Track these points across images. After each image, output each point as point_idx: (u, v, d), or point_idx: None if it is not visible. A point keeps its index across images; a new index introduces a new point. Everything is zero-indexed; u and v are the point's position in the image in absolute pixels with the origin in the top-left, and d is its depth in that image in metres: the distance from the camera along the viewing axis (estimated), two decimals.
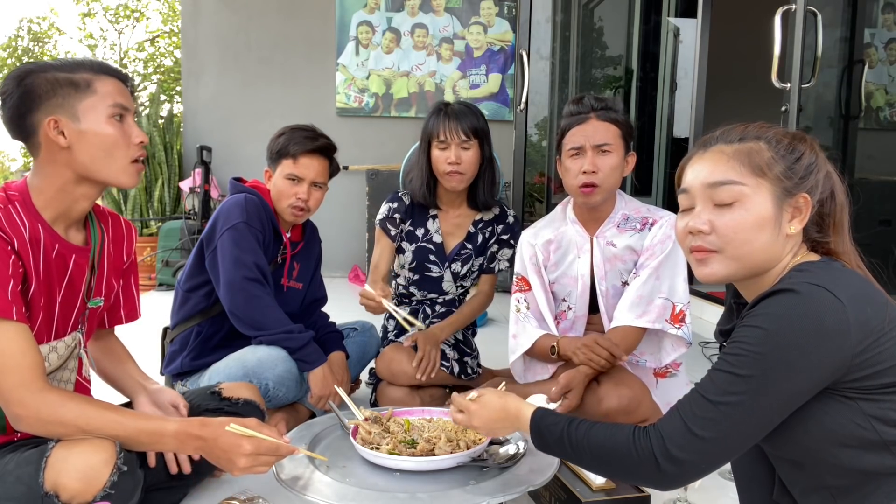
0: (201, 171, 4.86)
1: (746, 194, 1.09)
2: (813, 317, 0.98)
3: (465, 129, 2.20)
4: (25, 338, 1.29)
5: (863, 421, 1.01)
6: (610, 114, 1.92)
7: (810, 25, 2.88)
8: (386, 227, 2.34)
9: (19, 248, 1.30)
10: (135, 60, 15.55)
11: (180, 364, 2.11)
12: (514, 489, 1.35)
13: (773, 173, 1.09)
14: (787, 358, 0.98)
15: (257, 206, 2.07)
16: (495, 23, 5.39)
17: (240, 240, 1.99)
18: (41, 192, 1.38)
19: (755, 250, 1.10)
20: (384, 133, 5.40)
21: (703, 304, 3.93)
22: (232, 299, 1.98)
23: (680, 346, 1.97)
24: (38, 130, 1.35)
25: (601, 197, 1.94)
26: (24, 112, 1.34)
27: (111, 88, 1.39)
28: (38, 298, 1.35)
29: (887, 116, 3.86)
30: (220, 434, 1.33)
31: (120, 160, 1.40)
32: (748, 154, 1.10)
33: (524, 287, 2.09)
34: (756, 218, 1.09)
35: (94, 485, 1.27)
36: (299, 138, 2.11)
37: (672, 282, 1.93)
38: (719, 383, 1.04)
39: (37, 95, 1.34)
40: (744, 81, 5.14)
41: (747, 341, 1.02)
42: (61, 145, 1.35)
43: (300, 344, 2.01)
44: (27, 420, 1.28)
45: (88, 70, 1.38)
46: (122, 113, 1.40)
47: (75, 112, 1.35)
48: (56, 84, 1.35)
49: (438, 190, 2.33)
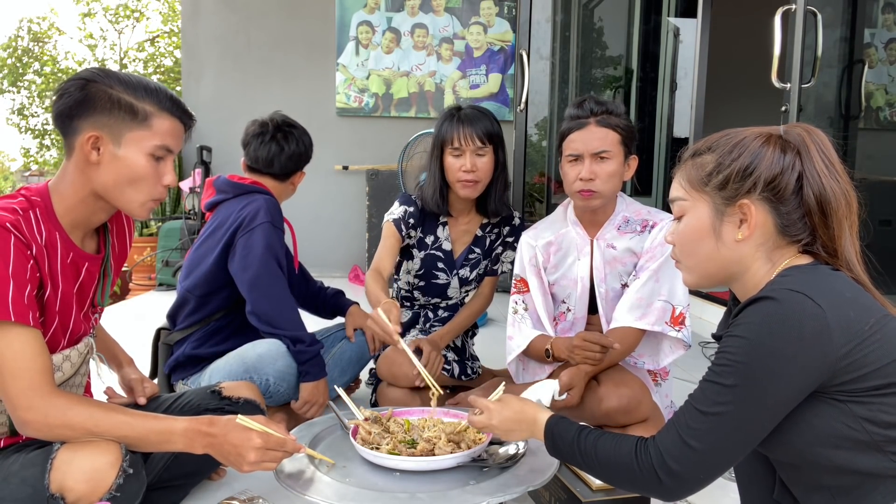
0: (201, 171, 4.86)
1: (687, 208, 1.17)
2: (792, 323, 0.99)
3: (479, 134, 2.13)
4: (37, 342, 1.28)
5: (853, 423, 1.01)
6: (610, 119, 1.90)
7: (810, 25, 2.88)
8: (400, 228, 2.24)
9: (37, 254, 1.30)
10: (135, 60, 15.56)
11: (182, 353, 2.09)
12: (514, 489, 1.35)
13: (711, 185, 1.13)
14: (770, 365, 1.00)
15: (279, 209, 2.10)
16: (495, 23, 5.39)
17: (273, 238, 2.01)
18: (63, 198, 1.37)
19: (701, 260, 1.16)
20: (384, 133, 5.39)
21: (703, 305, 3.94)
22: (257, 296, 1.99)
23: (678, 348, 1.97)
24: (78, 136, 1.33)
25: (599, 202, 1.94)
26: (75, 115, 1.33)
27: (167, 128, 1.37)
28: (52, 304, 1.35)
29: (887, 116, 3.86)
30: (230, 430, 1.33)
31: (142, 196, 1.38)
32: (694, 168, 1.16)
33: (522, 288, 2.09)
34: (692, 230, 1.16)
35: (100, 487, 1.27)
36: None
37: (672, 284, 1.93)
38: (708, 394, 1.06)
39: (93, 107, 1.32)
40: (744, 81, 5.15)
41: (730, 351, 1.04)
42: (91, 160, 1.33)
43: (307, 358, 2.02)
44: (34, 424, 1.28)
45: (155, 102, 1.35)
46: (163, 155, 1.38)
47: (120, 137, 1.33)
48: (116, 104, 1.32)
49: (450, 197, 2.26)
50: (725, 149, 1.13)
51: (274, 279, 1.99)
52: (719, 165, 1.13)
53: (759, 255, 1.13)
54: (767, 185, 1.09)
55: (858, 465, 1.02)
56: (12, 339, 1.25)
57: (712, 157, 1.14)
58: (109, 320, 1.68)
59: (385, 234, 2.26)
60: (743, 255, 1.13)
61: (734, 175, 1.11)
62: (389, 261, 2.21)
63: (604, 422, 1.91)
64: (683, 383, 2.76)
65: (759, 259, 1.13)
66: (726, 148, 1.13)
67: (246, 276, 1.99)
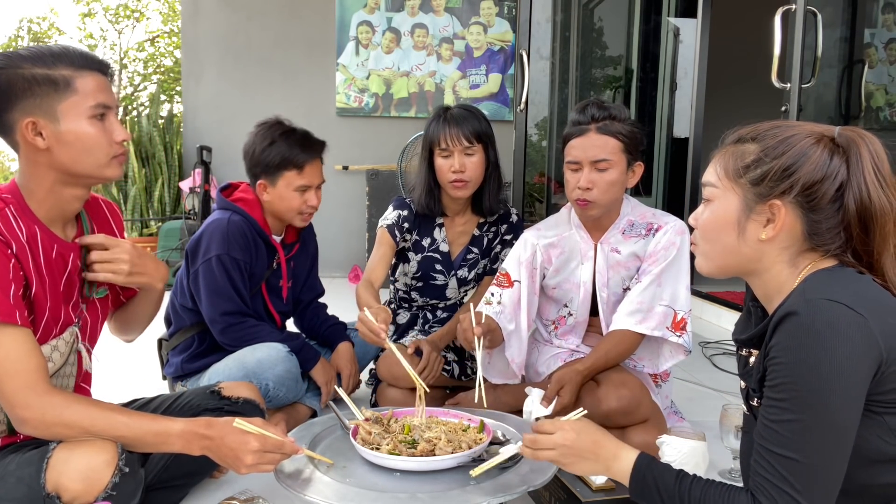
0: (201, 171, 4.86)
1: (716, 196, 1.12)
2: (841, 337, 0.95)
3: (467, 134, 2.12)
4: (28, 341, 1.28)
5: (888, 436, 0.99)
6: (612, 126, 1.85)
7: (810, 25, 2.88)
8: (394, 234, 2.23)
9: (18, 251, 1.29)
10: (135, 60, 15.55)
11: (180, 367, 2.12)
12: (514, 489, 1.35)
13: (747, 178, 1.08)
14: (832, 385, 0.96)
15: (240, 229, 2.04)
16: (495, 23, 5.39)
17: (218, 273, 2.00)
18: (32, 193, 1.35)
19: (720, 251, 1.12)
20: (384, 133, 5.39)
21: (703, 305, 3.94)
22: (216, 331, 2.05)
23: (679, 353, 1.95)
24: (16, 130, 1.30)
25: (597, 212, 1.92)
26: (1, 111, 1.29)
27: (93, 86, 1.32)
28: (41, 300, 1.34)
29: (887, 116, 3.85)
30: (228, 432, 1.33)
31: (101, 158, 1.35)
32: (733, 157, 1.11)
33: (504, 282, 2.02)
34: (717, 220, 1.12)
35: (95, 486, 1.27)
36: (296, 147, 2.04)
37: (674, 289, 1.91)
38: (785, 434, 1.00)
39: (13, 94, 1.27)
40: (744, 81, 5.15)
41: (786, 381, 0.99)
42: (39, 147, 1.30)
43: (295, 349, 2.07)
44: (32, 423, 1.28)
45: (68, 65, 1.30)
46: (103, 112, 1.34)
47: (54, 113, 1.29)
48: (34, 82, 1.27)
49: (443, 198, 2.26)
50: (771, 143, 1.07)
51: (225, 316, 2.02)
52: (760, 159, 1.07)
53: (783, 259, 1.09)
54: (804, 189, 1.04)
55: (886, 480, 1.00)
56: (5, 340, 1.25)
57: (755, 147, 1.08)
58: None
59: (379, 240, 2.25)
60: (764, 255, 1.09)
61: (773, 173, 1.05)
62: (382, 270, 2.21)
63: (603, 423, 1.89)
64: (684, 384, 2.76)
65: (782, 262, 1.09)
66: (772, 142, 1.07)
67: (202, 311, 2.06)
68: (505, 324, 1.97)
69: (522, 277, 2.01)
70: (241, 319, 2.04)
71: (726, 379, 2.87)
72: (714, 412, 2.11)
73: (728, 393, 2.65)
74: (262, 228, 2.10)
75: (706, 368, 3.04)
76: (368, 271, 2.20)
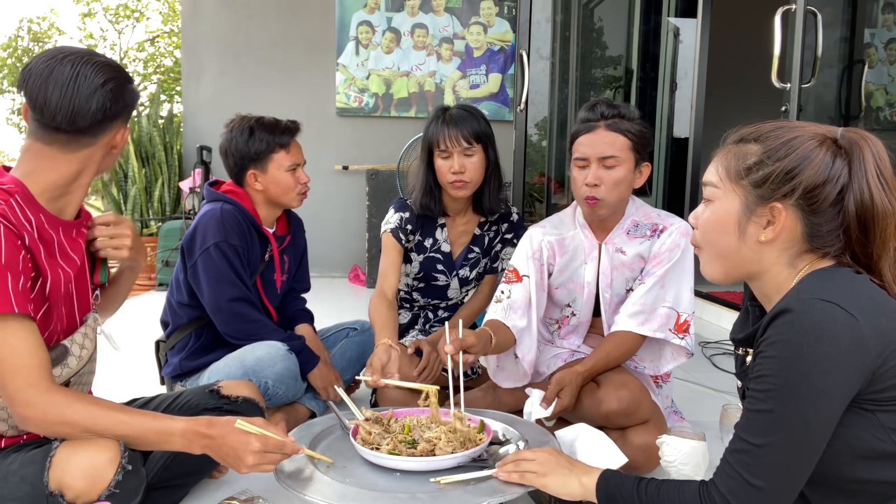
0: (201, 171, 4.86)
1: (717, 196, 1.12)
2: (828, 337, 0.95)
3: (466, 135, 2.11)
4: (31, 337, 1.27)
5: (881, 433, 0.99)
6: (621, 124, 1.85)
7: (810, 25, 2.88)
8: (398, 237, 2.22)
9: (30, 244, 1.28)
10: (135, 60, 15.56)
11: (179, 365, 2.11)
12: (514, 489, 1.35)
13: (749, 179, 1.07)
14: (812, 382, 0.96)
15: (234, 217, 2.06)
16: (495, 23, 5.39)
17: (218, 261, 2.01)
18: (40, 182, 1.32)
19: (719, 253, 1.13)
20: (384, 133, 5.39)
21: (703, 305, 3.94)
22: (221, 321, 2.05)
23: (681, 355, 1.94)
24: (108, 132, 1.37)
25: (605, 211, 1.90)
26: (116, 115, 1.37)
27: None
28: (56, 291, 1.33)
29: (887, 116, 3.85)
30: (229, 432, 1.33)
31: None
32: (735, 157, 1.10)
33: (513, 279, 2.01)
34: (717, 221, 1.12)
35: (98, 484, 1.27)
36: (276, 130, 2.15)
37: (678, 291, 1.90)
38: (756, 423, 1.02)
39: (128, 104, 1.40)
40: (744, 81, 5.15)
41: (768, 373, 1.00)
42: (113, 151, 1.41)
43: (295, 350, 2.08)
44: (34, 420, 1.28)
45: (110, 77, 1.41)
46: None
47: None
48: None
49: (444, 198, 2.25)
50: (774, 144, 1.06)
51: (231, 303, 2.03)
52: (762, 161, 1.06)
53: (782, 260, 1.09)
54: (806, 193, 1.04)
55: (882, 476, 1.00)
56: (9, 335, 1.25)
57: (757, 148, 1.08)
58: (109, 320, 1.67)
59: (385, 246, 2.25)
60: (763, 256, 1.09)
61: (775, 175, 1.04)
62: (394, 277, 2.21)
63: (603, 424, 1.89)
64: (684, 384, 2.76)
65: (781, 263, 1.09)
66: (775, 144, 1.06)
67: (205, 302, 2.06)
68: (515, 321, 1.95)
69: (531, 272, 1.99)
70: (248, 307, 2.05)
71: (726, 379, 2.87)
72: (714, 412, 2.11)
73: (728, 393, 2.65)
74: (255, 218, 2.14)
75: (706, 368, 3.04)
76: (381, 280, 2.20)
